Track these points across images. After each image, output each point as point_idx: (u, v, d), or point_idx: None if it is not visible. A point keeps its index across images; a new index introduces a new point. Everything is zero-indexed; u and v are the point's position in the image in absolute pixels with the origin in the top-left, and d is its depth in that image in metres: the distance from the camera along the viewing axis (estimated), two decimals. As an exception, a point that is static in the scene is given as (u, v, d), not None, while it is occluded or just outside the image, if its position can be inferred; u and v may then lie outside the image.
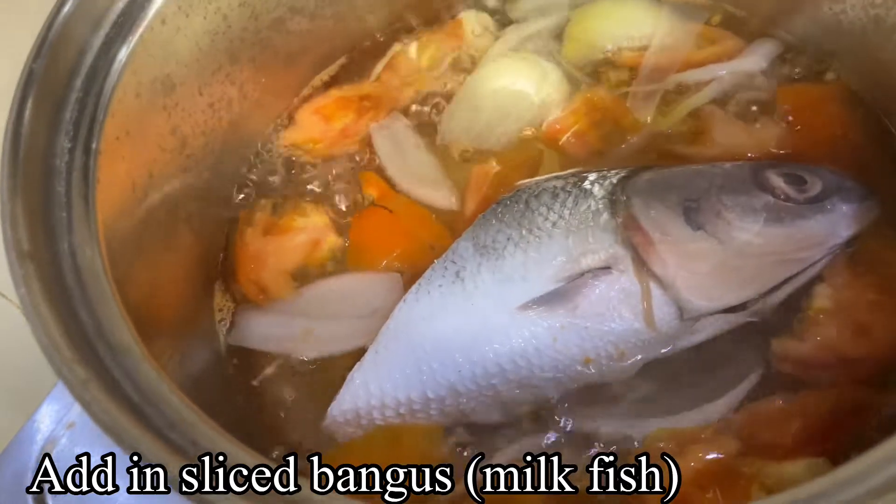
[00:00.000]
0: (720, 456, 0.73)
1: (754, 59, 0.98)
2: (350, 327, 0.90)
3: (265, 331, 0.91)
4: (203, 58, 0.92)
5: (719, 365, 0.81)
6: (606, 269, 0.80)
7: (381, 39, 1.12)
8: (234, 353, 0.92)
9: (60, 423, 0.97)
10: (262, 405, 0.88)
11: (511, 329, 0.80)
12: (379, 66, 1.08)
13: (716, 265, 0.79)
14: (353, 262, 0.95)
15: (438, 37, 1.09)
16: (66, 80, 0.76)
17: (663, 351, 0.81)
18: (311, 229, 0.96)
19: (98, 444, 0.93)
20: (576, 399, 0.81)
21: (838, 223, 0.81)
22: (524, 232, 0.83)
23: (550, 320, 0.80)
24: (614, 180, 0.86)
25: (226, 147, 0.99)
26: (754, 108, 0.97)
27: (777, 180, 0.82)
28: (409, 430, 0.81)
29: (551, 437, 0.80)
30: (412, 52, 1.08)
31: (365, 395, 0.82)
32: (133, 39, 0.81)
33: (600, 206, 0.83)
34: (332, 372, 0.87)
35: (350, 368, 0.84)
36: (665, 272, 0.79)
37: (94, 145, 0.75)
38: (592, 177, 0.88)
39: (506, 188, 0.93)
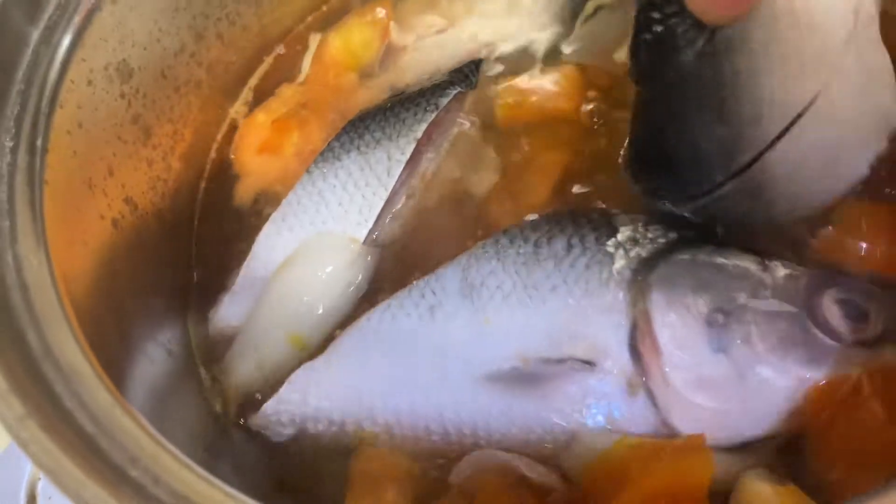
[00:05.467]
0: (693, 477, 0.62)
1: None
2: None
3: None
4: (164, 38, 0.84)
5: None
6: (590, 363, 0.67)
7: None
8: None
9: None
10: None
11: (467, 395, 0.69)
12: (306, 62, 0.96)
13: (723, 400, 0.65)
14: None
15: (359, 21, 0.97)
16: (5, 72, 0.68)
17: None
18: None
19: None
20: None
21: (880, 362, 0.65)
22: (518, 285, 0.71)
23: (513, 401, 0.68)
24: (643, 252, 0.70)
25: (198, 132, 0.91)
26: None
27: (833, 311, 0.65)
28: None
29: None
30: (338, 37, 0.96)
31: (302, 402, 0.73)
32: (78, 23, 0.73)
33: (612, 282, 0.69)
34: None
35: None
36: (663, 395, 0.65)
37: (39, 142, 0.67)
38: (624, 235, 0.72)
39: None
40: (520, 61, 0.92)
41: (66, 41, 0.71)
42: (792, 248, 0.73)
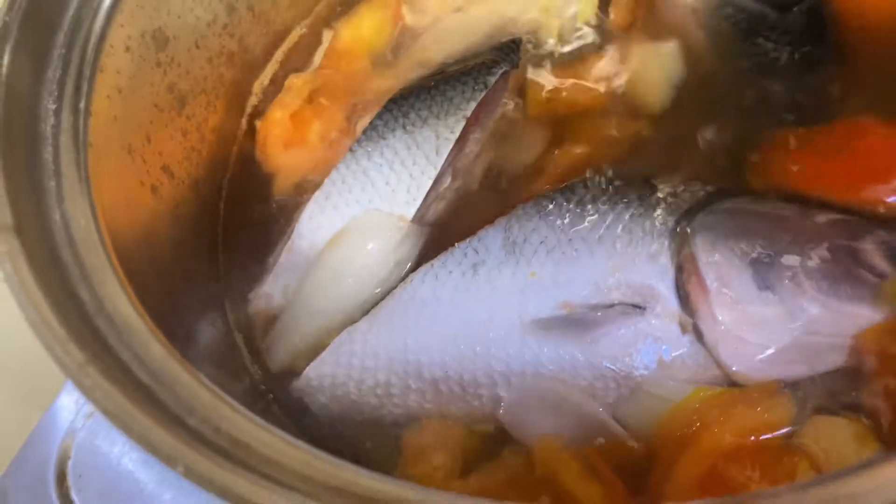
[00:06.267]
0: (772, 422, 0.63)
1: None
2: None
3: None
4: (197, 7, 0.84)
5: None
6: (639, 307, 0.68)
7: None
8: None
9: (80, 414, 0.90)
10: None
11: (516, 343, 0.70)
12: (318, 54, 0.95)
13: (772, 336, 0.66)
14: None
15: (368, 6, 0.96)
16: (47, 34, 0.68)
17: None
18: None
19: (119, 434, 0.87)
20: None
21: None
22: (563, 240, 0.72)
23: (563, 347, 0.69)
24: (684, 205, 0.72)
25: (230, 105, 0.91)
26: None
27: (875, 254, 0.67)
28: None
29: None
30: (348, 25, 0.95)
31: (346, 364, 0.73)
32: (117, -13, 0.73)
33: (656, 232, 0.70)
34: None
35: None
36: (711, 331, 0.67)
37: (82, 105, 0.67)
38: (663, 192, 0.74)
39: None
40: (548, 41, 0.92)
41: (106, 4, 0.71)
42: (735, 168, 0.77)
